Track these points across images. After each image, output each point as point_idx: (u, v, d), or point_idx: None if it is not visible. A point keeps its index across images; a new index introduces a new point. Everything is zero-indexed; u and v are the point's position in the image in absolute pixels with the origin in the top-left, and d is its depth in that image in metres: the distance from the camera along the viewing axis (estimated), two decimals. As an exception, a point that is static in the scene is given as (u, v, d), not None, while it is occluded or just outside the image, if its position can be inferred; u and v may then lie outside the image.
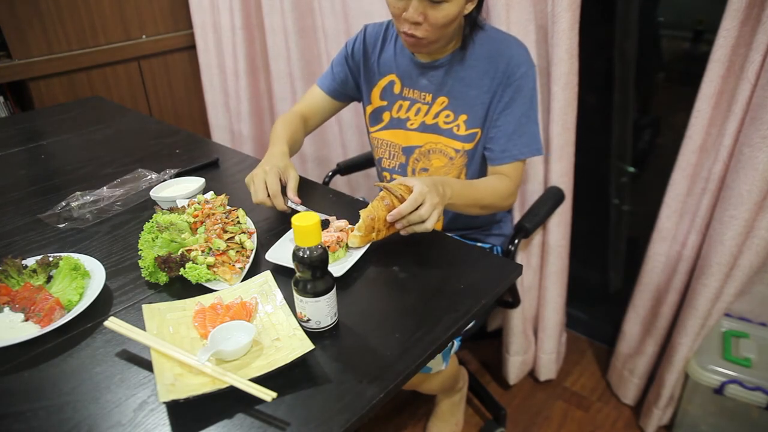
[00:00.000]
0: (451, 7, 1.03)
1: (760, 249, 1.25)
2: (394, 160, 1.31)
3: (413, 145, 1.27)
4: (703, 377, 1.38)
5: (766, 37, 1.10)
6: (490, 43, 1.17)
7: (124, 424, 0.66)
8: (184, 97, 2.45)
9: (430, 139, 1.24)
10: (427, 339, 0.78)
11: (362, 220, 0.94)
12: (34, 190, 1.30)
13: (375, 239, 0.97)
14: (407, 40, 1.11)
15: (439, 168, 1.25)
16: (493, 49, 1.17)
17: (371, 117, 1.33)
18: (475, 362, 1.91)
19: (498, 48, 1.17)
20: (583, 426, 1.65)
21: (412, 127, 1.26)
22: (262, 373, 0.70)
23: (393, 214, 0.93)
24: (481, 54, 1.17)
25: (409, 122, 1.26)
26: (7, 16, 1.87)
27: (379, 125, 1.31)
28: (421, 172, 1.27)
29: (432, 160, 1.25)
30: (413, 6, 1.03)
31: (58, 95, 2.05)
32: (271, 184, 1.05)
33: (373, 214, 0.94)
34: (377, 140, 1.32)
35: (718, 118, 1.26)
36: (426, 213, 0.92)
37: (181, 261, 0.90)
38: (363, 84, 1.32)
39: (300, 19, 1.99)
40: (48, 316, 0.82)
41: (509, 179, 1.20)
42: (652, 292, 1.53)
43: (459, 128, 1.21)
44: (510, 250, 1.31)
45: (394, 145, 1.29)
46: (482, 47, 1.17)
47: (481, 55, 1.17)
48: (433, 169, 1.26)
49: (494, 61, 1.16)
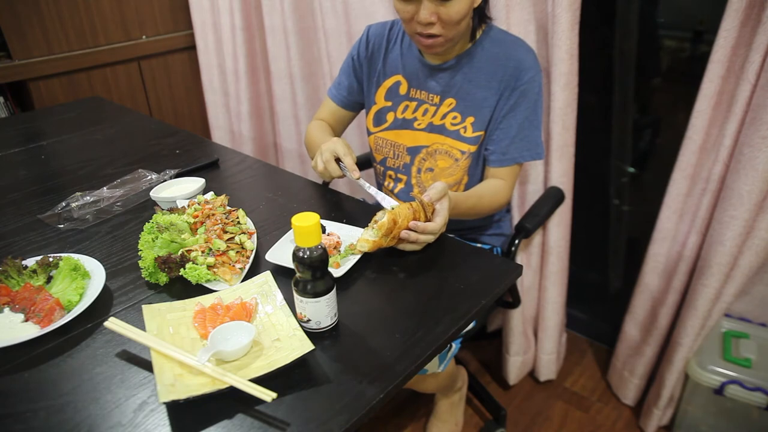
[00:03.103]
0: (461, 2, 1.03)
1: (760, 249, 1.25)
2: (398, 160, 1.31)
3: (420, 145, 1.27)
4: (703, 377, 1.38)
5: (766, 37, 1.10)
6: (499, 46, 1.17)
7: (124, 424, 0.66)
8: (184, 97, 2.45)
9: (437, 139, 1.24)
10: (427, 339, 0.78)
11: (386, 219, 0.90)
12: (35, 191, 1.30)
13: (383, 246, 0.94)
14: (424, 42, 1.10)
15: (444, 169, 1.25)
16: (501, 52, 1.17)
17: (375, 118, 1.33)
18: (475, 362, 1.91)
19: (506, 51, 1.17)
20: (583, 426, 1.65)
21: (419, 128, 1.26)
22: (262, 373, 0.70)
23: (418, 226, 0.93)
24: (490, 56, 1.17)
25: (416, 122, 1.26)
26: (7, 17, 1.87)
27: (383, 125, 1.31)
28: (427, 172, 1.27)
29: (438, 160, 1.25)
30: (425, 7, 1.03)
31: (58, 95, 2.05)
32: (327, 161, 1.14)
33: (398, 219, 0.92)
34: (381, 140, 1.32)
35: (718, 119, 1.26)
36: (432, 239, 0.98)
37: (181, 261, 0.90)
38: (366, 84, 1.32)
39: (300, 20, 1.99)
40: (48, 317, 0.82)
41: (506, 183, 1.22)
42: (652, 292, 1.53)
43: (466, 130, 1.21)
44: (510, 251, 1.31)
45: (399, 145, 1.29)
46: (490, 49, 1.18)
47: (489, 57, 1.17)
48: (438, 170, 1.26)
49: (502, 63, 1.16)
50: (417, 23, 1.06)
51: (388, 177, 1.35)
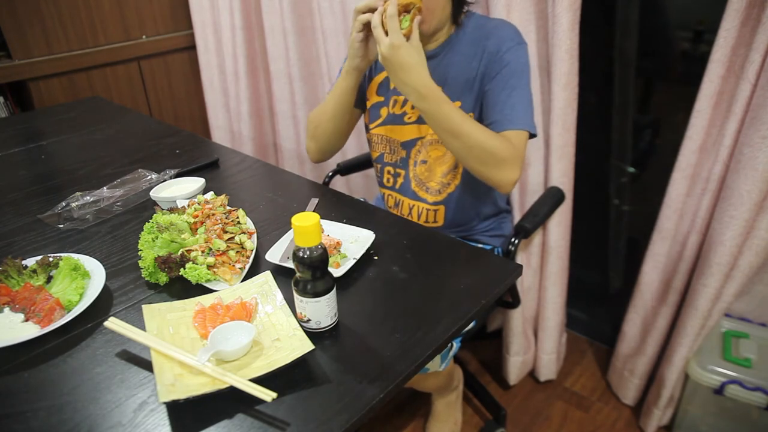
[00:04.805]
0: None
1: (760, 249, 1.25)
2: (395, 155, 1.31)
3: (413, 138, 1.26)
4: (703, 377, 1.38)
5: (766, 37, 1.10)
6: (480, 29, 1.18)
7: (124, 424, 0.66)
8: (184, 97, 2.45)
9: (428, 130, 1.24)
10: (427, 339, 0.78)
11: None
12: (34, 191, 1.30)
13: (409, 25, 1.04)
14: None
15: (438, 158, 1.25)
16: (482, 34, 1.17)
17: (370, 113, 1.33)
18: (475, 362, 1.91)
19: (485, 32, 1.17)
20: (583, 426, 1.65)
21: (409, 121, 1.26)
22: (262, 373, 0.70)
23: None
24: (471, 39, 1.18)
25: (406, 116, 1.26)
26: (7, 17, 1.87)
27: (378, 120, 1.31)
28: (421, 164, 1.27)
29: (430, 151, 1.25)
30: None
31: (58, 95, 2.05)
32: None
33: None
34: (377, 136, 1.32)
35: (718, 118, 1.26)
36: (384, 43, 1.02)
37: (181, 261, 0.90)
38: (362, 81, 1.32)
39: (299, 20, 1.99)
40: (48, 317, 0.82)
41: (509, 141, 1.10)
42: (652, 292, 1.53)
43: None
44: (510, 251, 1.31)
45: (393, 140, 1.29)
46: (472, 33, 1.18)
47: (471, 41, 1.18)
48: (431, 161, 1.26)
49: (482, 43, 1.16)
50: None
51: (387, 173, 1.35)
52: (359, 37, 1.12)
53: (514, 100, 1.12)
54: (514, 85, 1.13)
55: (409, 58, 1.02)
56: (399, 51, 1.01)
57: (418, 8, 1.05)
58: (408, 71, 1.03)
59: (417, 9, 1.05)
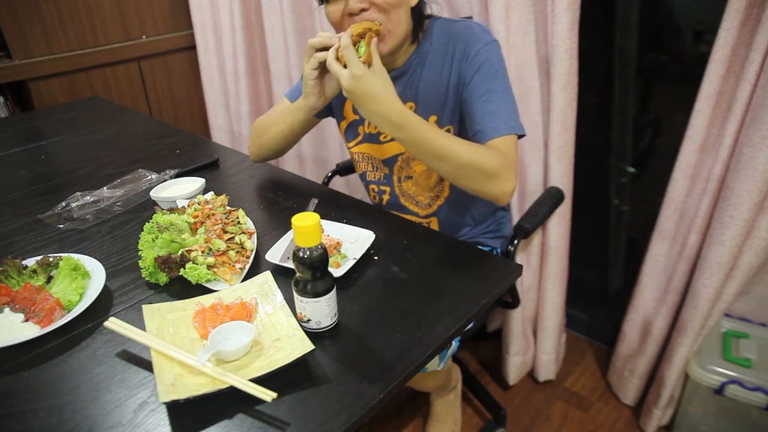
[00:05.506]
0: None
1: (760, 249, 1.25)
2: (378, 172, 1.28)
3: (394, 155, 1.23)
4: (703, 377, 1.38)
5: (766, 37, 1.10)
6: (446, 35, 1.12)
7: (124, 424, 0.66)
8: (184, 97, 2.45)
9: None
10: (427, 339, 0.78)
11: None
12: (34, 191, 1.30)
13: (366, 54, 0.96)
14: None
15: (422, 173, 1.22)
16: (449, 40, 1.11)
17: (347, 132, 1.28)
18: (475, 362, 1.91)
19: (453, 36, 1.11)
20: (583, 426, 1.65)
21: (386, 140, 1.22)
22: (262, 373, 0.70)
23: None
24: (438, 48, 1.12)
25: (381, 135, 1.22)
26: (7, 17, 1.87)
27: (357, 139, 1.27)
28: (406, 180, 1.25)
29: (413, 167, 1.22)
30: None
31: (58, 95, 2.05)
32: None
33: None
34: (358, 154, 1.29)
35: (718, 118, 1.26)
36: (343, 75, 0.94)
37: (181, 261, 0.90)
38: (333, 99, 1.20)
39: (299, 20, 1.99)
40: (48, 317, 0.82)
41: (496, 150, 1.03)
42: (652, 292, 1.53)
43: None
44: (509, 251, 1.31)
45: (374, 158, 1.26)
46: (438, 41, 1.12)
47: (438, 50, 1.12)
48: (416, 175, 1.23)
49: (449, 50, 1.10)
50: (351, 17, 1.01)
51: (372, 191, 1.33)
52: (313, 75, 1.05)
53: (492, 106, 1.05)
54: (491, 88, 1.06)
55: (374, 87, 0.94)
56: (362, 81, 0.93)
57: (375, 31, 0.98)
58: (376, 101, 0.95)
59: (373, 32, 0.97)
